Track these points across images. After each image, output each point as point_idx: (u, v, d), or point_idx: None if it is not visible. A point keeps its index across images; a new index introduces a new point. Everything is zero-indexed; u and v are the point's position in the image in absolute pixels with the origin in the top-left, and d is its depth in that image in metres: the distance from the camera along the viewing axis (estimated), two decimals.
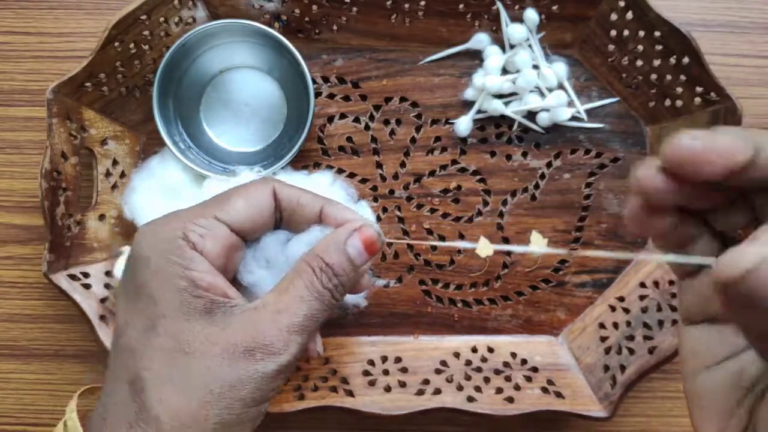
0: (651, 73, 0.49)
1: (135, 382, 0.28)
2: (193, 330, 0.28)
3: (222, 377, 0.28)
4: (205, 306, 0.29)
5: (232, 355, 0.28)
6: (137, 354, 0.29)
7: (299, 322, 0.29)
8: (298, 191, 0.33)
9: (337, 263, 0.30)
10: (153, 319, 0.29)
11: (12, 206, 0.51)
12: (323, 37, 0.51)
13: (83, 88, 0.47)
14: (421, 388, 0.47)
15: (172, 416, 0.27)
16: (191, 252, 0.29)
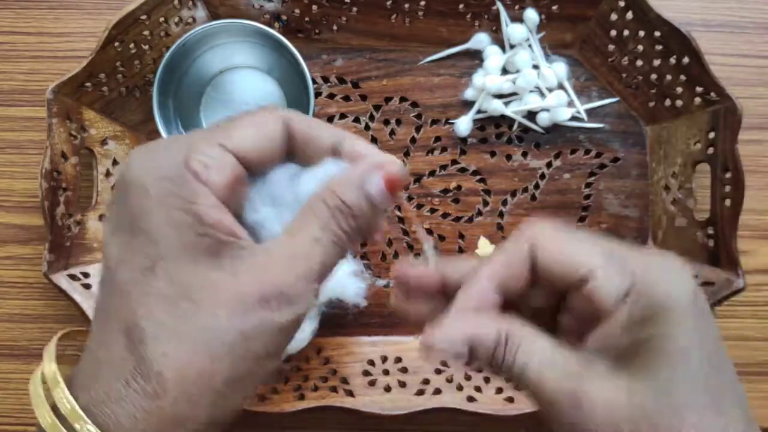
0: (651, 73, 0.49)
1: (131, 331, 0.24)
2: (198, 274, 0.25)
3: (234, 328, 0.25)
4: (210, 246, 0.25)
5: (245, 303, 0.25)
6: (133, 299, 0.25)
7: (317, 270, 0.26)
8: (312, 121, 0.29)
9: (355, 203, 0.27)
10: (152, 259, 0.25)
11: (12, 206, 0.51)
12: (323, 37, 0.51)
13: (83, 88, 0.47)
14: (421, 388, 0.47)
15: (178, 372, 0.24)
16: (196, 183, 0.25)
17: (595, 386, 0.25)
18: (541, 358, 0.26)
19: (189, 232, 0.25)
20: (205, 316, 0.25)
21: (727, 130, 0.46)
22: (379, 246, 0.51)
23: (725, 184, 0.46)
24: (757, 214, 0.52)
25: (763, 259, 0.52)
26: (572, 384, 0.25)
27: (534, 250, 0.27)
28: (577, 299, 0.27)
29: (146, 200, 0.25)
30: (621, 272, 0.25)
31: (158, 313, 0.24)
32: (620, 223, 0.51)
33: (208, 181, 0.25)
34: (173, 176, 0.25)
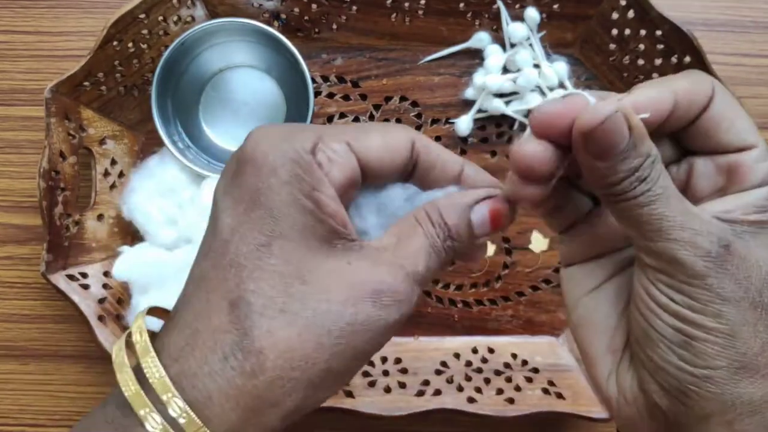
0: (652, 72, 0.49)
1: (237, 304, 0.24)
2: (314, 258, 0.25)
3: (344, 318, 0.24)
4: (326, 234, 0.25)
5: (357, 295, 0.24)
6: (245, 272, 0.24)
7: (422, 274, 0.26)
8: (439, 147, 0.29)
9: (455, 225, 0.27)
10: (270, 236, 0.24)
11: (10, 206, 0.51)
12: (323, 36, 0.51)
13: (82, 88, 0.47)
14: (421, 389, 0.47)
15: (280, 353, 0.23)
16: (320, 172, 0.25)
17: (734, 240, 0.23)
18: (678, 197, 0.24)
19: (309, 216, 0.25)
20: (318, 300, 0.24)
21: None
22: None
23: None
24: None
25: None
26: (717, 230, 0.23)
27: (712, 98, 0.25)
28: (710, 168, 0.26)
29: (272, 178, 0.25)
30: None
31: (269, 289, 0.24)
32: None
33: (329, 174, 0.25)
34: (300, 161, 0.25)
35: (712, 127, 0.25)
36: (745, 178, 0.25)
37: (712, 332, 0.23)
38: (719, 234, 0.23)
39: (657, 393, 0.24)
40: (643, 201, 0.23)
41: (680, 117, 0.25)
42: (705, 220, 0.23)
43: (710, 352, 0.23)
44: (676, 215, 0.23)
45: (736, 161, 0.25)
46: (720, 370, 0.23)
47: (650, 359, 0.25)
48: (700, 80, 0.25)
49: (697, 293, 0.23)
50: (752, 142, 0.25)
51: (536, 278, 0.50)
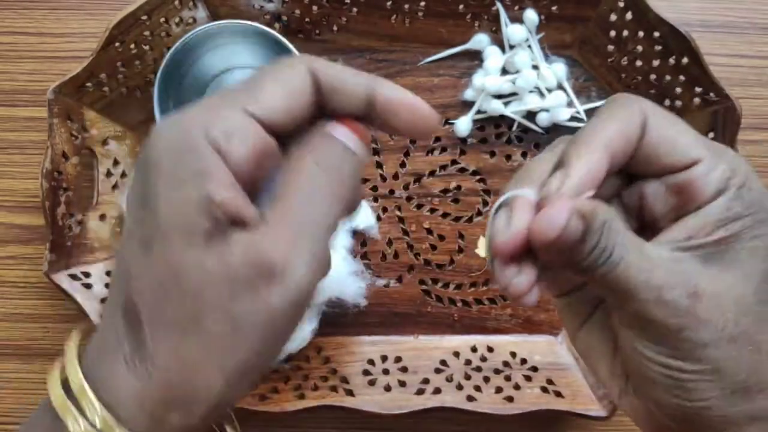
0: (650, 74, 0.49)
1: (130, 309, 0.23)
2: (190, 257, 0.23)
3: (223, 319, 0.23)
4: (208, 228, 0.22)
5: (230, 287, 0.22)
6: (131, 276, 0.23)
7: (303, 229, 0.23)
8: (340, 68, 0.26)
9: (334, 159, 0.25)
10: (150, 236, 0.23)
11: (13, 206, 0.51)
12: (323, 37, 0.51)
13: (84, 89, 0.47)
14: (420, 388, 0.47)
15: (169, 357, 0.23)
16: (211, 155, 0.22)
17: (699, 278, 0.23)
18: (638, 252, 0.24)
19: (192, 208, 0.22)
20: (191, 301, 0.23)
21: (727, 130, 0.46)
22: (379, 246, 0.51)
23: None
24: None
25: None
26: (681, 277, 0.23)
27: (645, 126, 0.25)
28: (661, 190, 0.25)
29: (156, 175, 0.23)
30: (722, 162, 0.24)
31: (151, 295, 0.23)
32: None
33: (228, 152, 0.23)
34: (189, 145, 0.23)
35: (651, 153, 0.25)
36: (698, 195, 0.24)
37: (698, 373, 0.24)
38: (685, 281, 0.23)
39: (664, 418, 0.25)
40: (606, 270, 0.23)
41: (619, 160, 0.25)
42: (669, 269, 0.23)
43: (701, 388, 0.24)
44: (639, 274, 0.23)
45: (685, 180, 0.24)
46: (714, 400, 0.24)
47: (649, 396, 0.25)
48: (629, 113, 0.25)
49: (675, 345, 0.24)
50: (697, 156, 0.24)
51: None
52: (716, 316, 0.23)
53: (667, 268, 0.23)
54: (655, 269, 0.23)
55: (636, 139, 0.25)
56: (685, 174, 0.24)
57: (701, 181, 0.24)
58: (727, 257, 0.24)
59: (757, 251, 0.24)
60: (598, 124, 0.25)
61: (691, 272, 0.24)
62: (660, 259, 0.24)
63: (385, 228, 0.51)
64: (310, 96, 0.25)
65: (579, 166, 0.24)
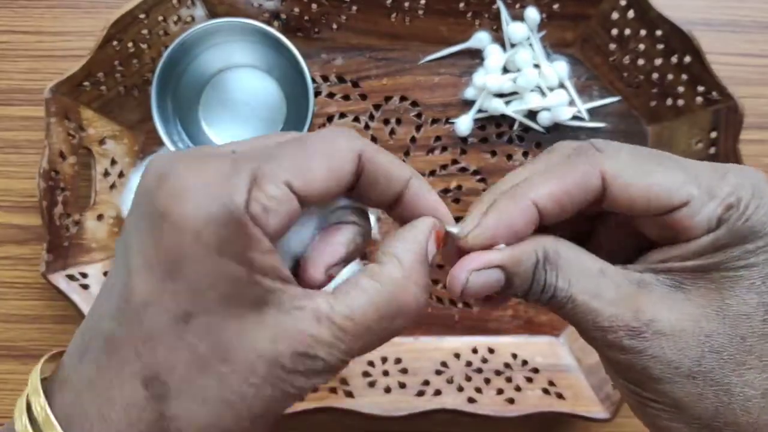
0: (652, 72, 0.49)
1: (152, 383, 0.22)
2: (237, 331, 0.22)
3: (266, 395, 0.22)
4: (257, 297, 0.22)
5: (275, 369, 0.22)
6: (160, 348, 0.22)
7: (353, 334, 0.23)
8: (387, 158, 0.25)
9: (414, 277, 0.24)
10: (189, 309, 0.22)
11: (10, 206, 0.51)
12: (323, 35, 0.51)
13: (81, 88, 0.47)
14: (421, 389, 0.47)
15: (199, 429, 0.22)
16: (253, 229, 0.21)
17: (657, 311, 0.23)
18: (587, 285, 0.23)
19: (237, 284, 0.22)
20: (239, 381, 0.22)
21: (729, 129, 0.46)
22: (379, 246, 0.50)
23: None
24: None
25: None
26: (630, 310, 0.23)
27: (608, 184, 0.24)
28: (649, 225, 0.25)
29: (195, 244, 0.21)
30: (715, 197, 0.23)
31: (184, 370, 0.22)
32: None
33: (266, 225, 0.22)
34: (229, 221, 0.21)
35: (624, 205, 0.24)
36: (688, 234, 0.23)
37: (658, 403, 0.23)
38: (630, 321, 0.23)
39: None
40: (555, 306, 0.24)
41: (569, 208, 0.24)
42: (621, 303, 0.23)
43: (665, 417, 0.24)
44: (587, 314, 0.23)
45: (674, 221, 0.23)
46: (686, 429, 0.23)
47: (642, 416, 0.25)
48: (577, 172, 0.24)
49: (628, 375, 0.23)
50: (681, 200, 0.23)
51: None
52: (670, 354, 0.23)
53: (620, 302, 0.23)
54: (605, 308, 0.23)
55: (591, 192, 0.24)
56: (673, 216, 0.23)
57: (690, 221, 0.23)
58: (700, 286, 0.23)
59: (739, 283, 0.23)
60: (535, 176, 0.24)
61: (649, 304, 0.23)
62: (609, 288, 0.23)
63: (385, 228, 0.51)
64: (350, 177, 0.24)
65: (492, 218, 0.24)
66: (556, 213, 0.24)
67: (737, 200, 0.23)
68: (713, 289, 0.23)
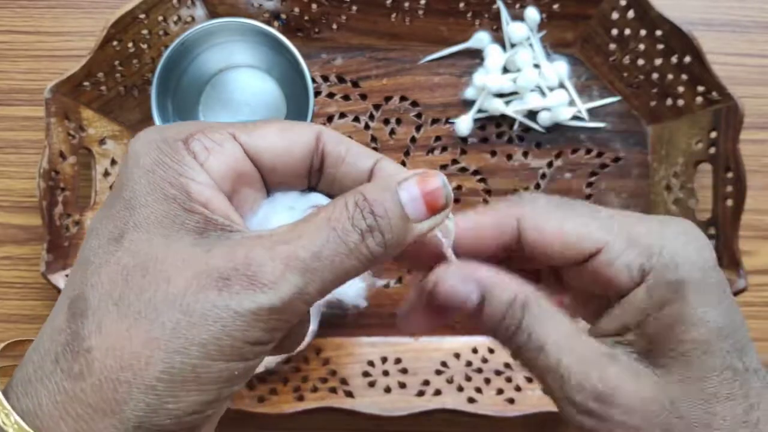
0: (652, 72, 0.49)
1: (76, 302, 0.21)
2: (168, 248, 0.21)
3: (180, 308, 0.20)
4: (197, 224, 0.22)
5: (204, 281, 0.21)
6: (90, 267, 0.22)
7: (303, 257, 0.21)
8: (350, 141, 0.25)
9: (379, 200, 0.22)
10: (123, 227, 0.22)
11: (10, 206, 0.51)
12: (323, 35, 0.51)
13: (81, 88, 0.47)
14: (421, 389, 0.47)
15: (108, 351, 0.20)
16: (190, 159, 0.22)
17: (623, 380, 0.22)
18: (560, 340, 0.23)
19: (174, 204, 0.22)
20: (156, 290, 0.21)
21: (729, 129, 0.46)
22: None
23: (727, 184, 0.46)
24: (759, 214, 0.52)
25: (765, 260, 0.52)
26: (598, 374, 0.22)
27: (523, 228, 0.25)
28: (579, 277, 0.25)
29: (134, 168, 0.22)
30: (633, 246, 0.23)
31: (108, 283, 0.21)
32: None
33: (205, 163, 0.23)
34: (165, 147, 0.23)
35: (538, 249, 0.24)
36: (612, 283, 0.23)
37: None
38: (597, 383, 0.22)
39: None
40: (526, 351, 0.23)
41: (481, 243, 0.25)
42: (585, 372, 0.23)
43: None
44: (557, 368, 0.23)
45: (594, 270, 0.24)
46: None
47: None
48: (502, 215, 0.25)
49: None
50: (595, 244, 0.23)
51: None
52: (637, 421, 0.22)
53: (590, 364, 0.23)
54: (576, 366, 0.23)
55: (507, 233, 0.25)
56: (590, 265, 0.24)
57: (605, 270, 0.23)
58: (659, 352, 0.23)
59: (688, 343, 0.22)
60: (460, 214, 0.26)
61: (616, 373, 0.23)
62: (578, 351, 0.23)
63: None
64: (307, 152, 0.24)
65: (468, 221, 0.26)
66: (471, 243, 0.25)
67: (659, 248, 0.23)
68: (669, 353, 0.23)
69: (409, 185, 0.23)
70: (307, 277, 0.21)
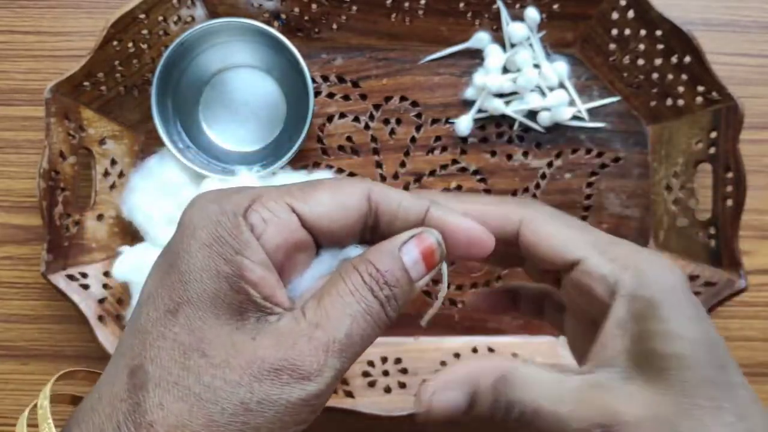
0: (652, 72, 0.49)
1: (136, 373, 0.23)
2: (219, 330, 0.23)
3: (239, 396, 0.22)
4: (240, 304, 0.23)
5: (257, 372, 0.23)
6: (148, 339, 0.23)
7: (340, 340, 0.23)
8: (399, 194, 0.27)
9: (389, 270, 0.25)
10: (177, 301, 0.23)
11: (10, 206, 0.51)
12: (323, 35, 0.51)
13: (82, 88, 0.47)
14: None
15: (170, 428, 0.22)
16: (248, 235, 0.23)
17: (618, 406, 0.24)
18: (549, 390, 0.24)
19: (224, 282, 0.23)
20: (213, 376, 0.23)
21: (729, 129, 0.46)
22: None
23: (727, 183, 0.46)
24: (759, 214, 0.52)
25: (765, 260, 0.52)
26: (595, 409, 0.24)
27: (522, 229, 0.28)
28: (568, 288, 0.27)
29: (191, 240, 0.23)
30: (611, 262, 0.26)
31: (167, 360, 0.23)
32: (622, 223, 0.51)
33: (262, 236, 0.24)
34: (224, 221, 0.23)
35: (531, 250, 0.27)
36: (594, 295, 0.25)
37: None
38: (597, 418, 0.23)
39: None
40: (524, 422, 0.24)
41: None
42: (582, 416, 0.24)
43: None
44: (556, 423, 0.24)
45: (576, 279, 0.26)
46: None
47: None
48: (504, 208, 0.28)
49: None
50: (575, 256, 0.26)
51: None
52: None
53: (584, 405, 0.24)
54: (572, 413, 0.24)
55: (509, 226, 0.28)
56: (574, 273, 0.26)
57: (586, 279, 0.26)
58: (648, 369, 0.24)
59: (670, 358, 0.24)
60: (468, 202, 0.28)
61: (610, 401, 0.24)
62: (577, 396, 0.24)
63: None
64: (360, 213, 0.26)
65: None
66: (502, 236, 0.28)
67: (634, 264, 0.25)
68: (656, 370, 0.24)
69: (410, 249, 0.25)
70: (343, 357, 0.24)
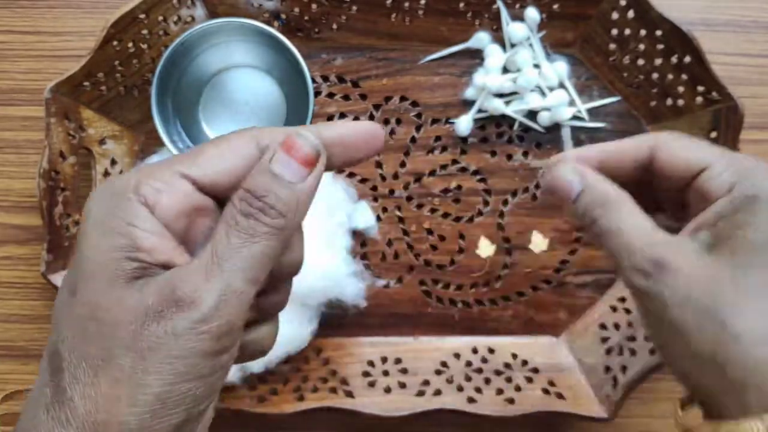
0: (652, 73, 0.49)
1: (53, 358, 0.24)
2: (111, 294, 0.23)
3: (130, 348, 0.23)
4: (135, 270, 0.24)
5: (143, 319, 0.23)
6: (57, 324, 0.24)
7: (215, 262, 0.23)
8: (283, 130, 0.26)
9: (259, 185, 0.24)
10: (76, 281, 0.24)
11: (10, 206, 0.51)
12: (323, 35, 0.51)
13: (82, 88, 0.47)
14: (421, 389, 0.47)
15: (85, 399, 0.23)
16: (138, 206, 0.24)
17: (680, 255, 0.27)
18: (636, 218, 0.28)
19: (118, 253, 0.24)
20: (108, 337, 0.23)
21: (729, 129, 0.46)
22: (379, 246, 0.50)
23: None
24: None
25: None
26: (659, 248, 0.27)
27: (656, 151, 0.30)
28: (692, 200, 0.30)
29: (87, 223, 0.24)
30: (731, 166, 0.28)
31: (71, 337, 0.24)
32: None
33: (156, 206, 0.24)
34: (119, 199, 0.24)
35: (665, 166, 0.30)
36: (709, 195, 0.28)
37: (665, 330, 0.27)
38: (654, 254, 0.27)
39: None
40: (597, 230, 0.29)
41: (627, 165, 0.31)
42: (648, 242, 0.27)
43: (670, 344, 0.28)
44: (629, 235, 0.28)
45: (697, 184, 0.29)
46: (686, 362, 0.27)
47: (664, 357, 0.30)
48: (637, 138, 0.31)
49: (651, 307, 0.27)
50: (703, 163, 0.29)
51: (536, 278, 0.50)
52: (682, 286, 0.26)
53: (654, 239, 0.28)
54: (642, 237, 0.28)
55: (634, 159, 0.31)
56: (699, 179, 0.29)
57: (710, 183, 0.28)
58: (723, 246, 0.27)
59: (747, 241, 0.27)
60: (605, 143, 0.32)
61: (676, 253, 0.27)
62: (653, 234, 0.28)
63: (385, 228, 0.51)
64: (253, 160, 0.25)
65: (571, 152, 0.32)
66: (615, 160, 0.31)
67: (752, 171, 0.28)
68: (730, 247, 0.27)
69: (278, 156, 0.25)
70: (225, 276, 0.23)
